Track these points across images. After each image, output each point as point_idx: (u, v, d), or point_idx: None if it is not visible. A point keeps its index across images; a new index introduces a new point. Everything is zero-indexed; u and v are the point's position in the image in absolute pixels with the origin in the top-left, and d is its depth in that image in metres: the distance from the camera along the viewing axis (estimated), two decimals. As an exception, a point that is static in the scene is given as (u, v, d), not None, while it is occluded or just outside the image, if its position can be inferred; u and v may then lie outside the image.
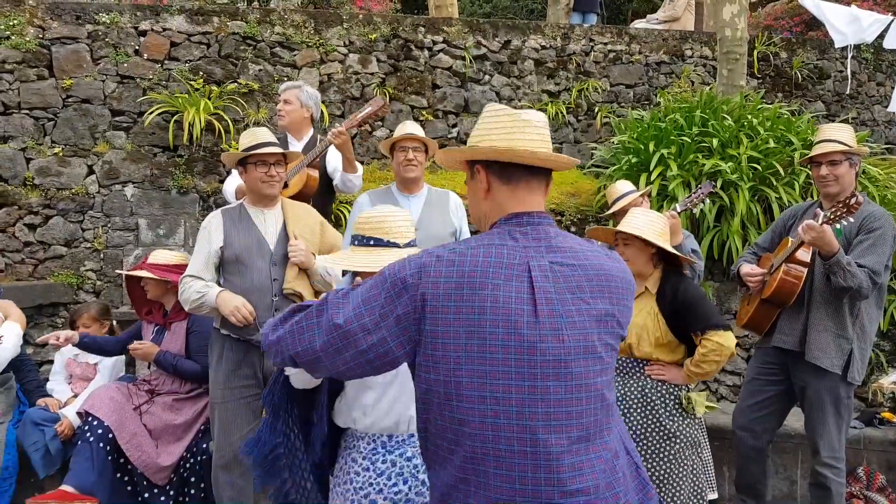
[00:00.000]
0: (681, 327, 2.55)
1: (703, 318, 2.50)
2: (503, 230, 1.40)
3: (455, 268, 1.32)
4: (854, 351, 2.80)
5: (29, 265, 4.38)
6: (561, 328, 1.32)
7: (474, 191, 1.48)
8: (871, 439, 3.71)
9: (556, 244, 1.39)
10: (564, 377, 1.31)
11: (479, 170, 1.44)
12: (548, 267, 1.35)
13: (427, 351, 1.32)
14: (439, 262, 1.33)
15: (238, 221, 2.84)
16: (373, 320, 1.33)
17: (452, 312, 1.30)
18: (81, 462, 2.95)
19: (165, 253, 3.40)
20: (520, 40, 5.58)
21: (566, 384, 1.31)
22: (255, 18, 5.02)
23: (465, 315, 1.29)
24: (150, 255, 3.33)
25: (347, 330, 1.34)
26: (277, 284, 2.74)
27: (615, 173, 4.68)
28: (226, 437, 2.78)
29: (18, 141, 4.50)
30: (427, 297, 1.31)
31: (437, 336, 1.31)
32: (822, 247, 2.64)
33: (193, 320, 3.20)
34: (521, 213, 1.41)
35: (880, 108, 6.35)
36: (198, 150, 4.67)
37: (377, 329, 1.33)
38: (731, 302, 4.47)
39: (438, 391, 1.32)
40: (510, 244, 1.36)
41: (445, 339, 1.30)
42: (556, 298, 1.33)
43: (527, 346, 1.29)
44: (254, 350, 2.76)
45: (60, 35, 4.61)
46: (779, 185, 4.34)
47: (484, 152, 1.42)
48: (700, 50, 5.94)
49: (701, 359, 2.50)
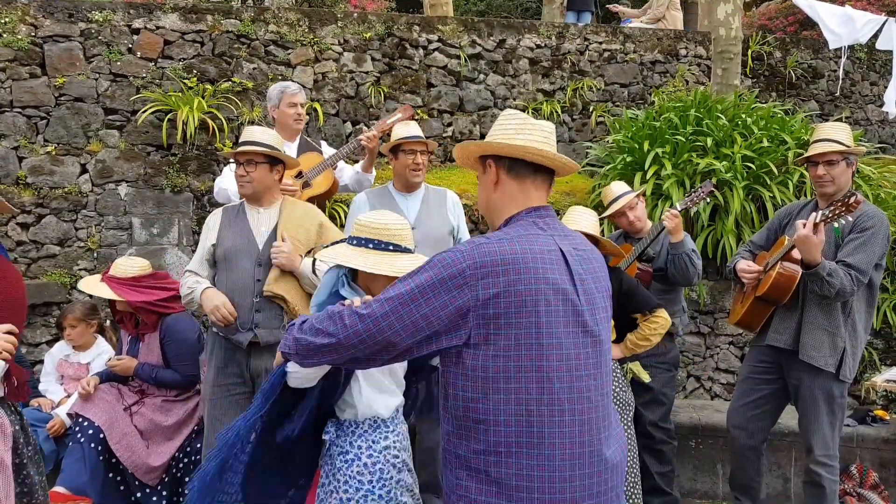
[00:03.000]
0: (622, 312, 2.88)
1: (648, 301, 2.99)
2: (527, 221, 1.55)
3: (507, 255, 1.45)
4: (847, 349, 2.81)
5: (22, 264, 4.35)
6: (594, 304, 1.53)
7: (484, 184, 1.63)
8: (864, 437, 3.73)
9: (567, 233, 1.60)
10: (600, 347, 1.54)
11: (490, 164, 1.59)
12: (572, 252, 1.54)
13: (489, 334, 1.44)
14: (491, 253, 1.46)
15: (233, 220, 2.83)
16: (433, 310, 1.44)
17: (513, 296, 1.44)
18: (73, 463, 2.94)
19: (126, 263, 3.17)
20: (514, 39, 5.58)
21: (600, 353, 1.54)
22: (249, 17, 5.00)
23: (525, 297, 1.44)
24: (111, 266, 3.16)
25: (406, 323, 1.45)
26: (261, 285, 2.70)
27: (610, 172, 4.68)
28: (214, 432, 2.77)
29: (11, 140, 4.47)
30: (487, 287, 1.43)
31: (500, 319, 1.44)
32: (805, 254, 2.64)
33: (165, 330, 3.12)
34: (539, 207, 1.57)
35: (874, 107, 6.38)
36: (191, 149, 4.65)
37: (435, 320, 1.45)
38: (724, 300, 4.48)
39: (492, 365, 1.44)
40: (540, 233, 1.53)
41: (508, 321, 1.43)
42: (588, 279, 1.54)
43: (581, 321, 1.49)
44: (240, 350, 2.75)
45: (53, 33, 4.59)
46: (773, 185, 4.36)
47: (494, 147, 1.57)
48: (694, 49, 5.95)
49: (650, 332, 2.97)
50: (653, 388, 3.22)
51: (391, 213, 2.01)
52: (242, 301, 2.70)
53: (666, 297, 3.31)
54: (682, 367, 4.39)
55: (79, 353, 3.51)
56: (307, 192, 3.50)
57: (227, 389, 2.77)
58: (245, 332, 2.71)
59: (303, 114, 3.67)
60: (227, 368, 2.77)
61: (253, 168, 2.74)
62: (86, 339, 3.50)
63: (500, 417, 1.44)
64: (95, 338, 3.56)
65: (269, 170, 2.78)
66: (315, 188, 3.51)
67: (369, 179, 3.69)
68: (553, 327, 1.45)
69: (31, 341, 4.12)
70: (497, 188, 1.58)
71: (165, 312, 3.07)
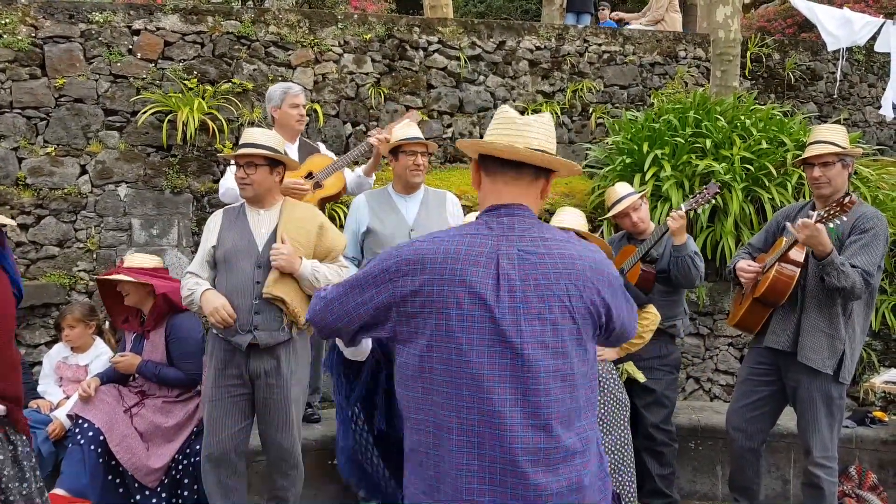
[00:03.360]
0: None
1: (637, 298, 2.93)
2: (481, 221, 1.52)
3: (429, 254, 1.45)
4: (846, 351, 2.81)
5: (21, 265, 4.34)
6: (519, 314, 1.40)
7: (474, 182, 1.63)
8: (863, 438, 3.74)
9: (528, 234, 1.48)
10: (520, 360, 1.39)
11: (474, 163, 1.60)
12: (515, 255, 1.44)
13: (410, 332, 1.45)
14: (416, 251, 1.47)
15: (234, 221, 2.83)
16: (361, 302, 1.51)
17: (426, 295, 1.43)
18: (73, 465, 2.94)
19: (140, 257, 3.32)
20: (514, 41, 5.59)
21: (522, 366, 1.39)
22: (249, 18, 5.00)
23: (438, 297, 1.42)
24: (125, 259, 3.26)
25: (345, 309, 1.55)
26: (260, 287, 2.70)
27: (609, 174, 4.69)
28: (214, 434, 2.79)
29: (10, 140, 4.46)
30: (405, 284, 1.45)
31: (417, 318, 1.44)
32: (816, 246, 2.64)
33: (171, 328, 3.14)
34: (499, 206, 1.51)
35: (871, 108, 6.39)
36: (191, 150, 4.65)
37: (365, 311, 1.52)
38: (723, 301, 4.48)
39: (412, 364, 1.45)
40: (484, 233, 1.47)
41: (424, 320, 1.43)
42: (519, 285, 1.42)
43: (497, 330, 1.39)
44: (239, 351, 2.75)
45: (53, 34, 4.58)
46: (771, 186, 4.37)
47: (465, 144, 1.57)
48: (693, 51, 5.96)
49: (643, 330, 2.99)
50: (654, 390, 3.22)
51: None
52: (242, 303, 2.70)
53: (668, 299, 3.31)
54: (682, 369, 4.39)
55: (77, 354, 3.51)
56: (319, 192, 3.51)
57: (226, 391, 2.78)
58: (244, 333, 2.71)
59: (304, 115, 3.68)
60: (226, 370, 2.77)
61: (253, 170, 2.74)
62: (84, 341, 3.49)
63: (418, 416, 1.44)
64: (94, 339, 3.55)
65: (269, 172, 2.78)
66: (326, 189, 3.53)
67: (369, 183, 3.71)
68: (465, 332, 1.38)
69: (30, 342, 4.12)
70: (479, 186, 1.59)
71: (181, 307, 3.08)
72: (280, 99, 3.59)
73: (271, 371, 2.76)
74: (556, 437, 1.38)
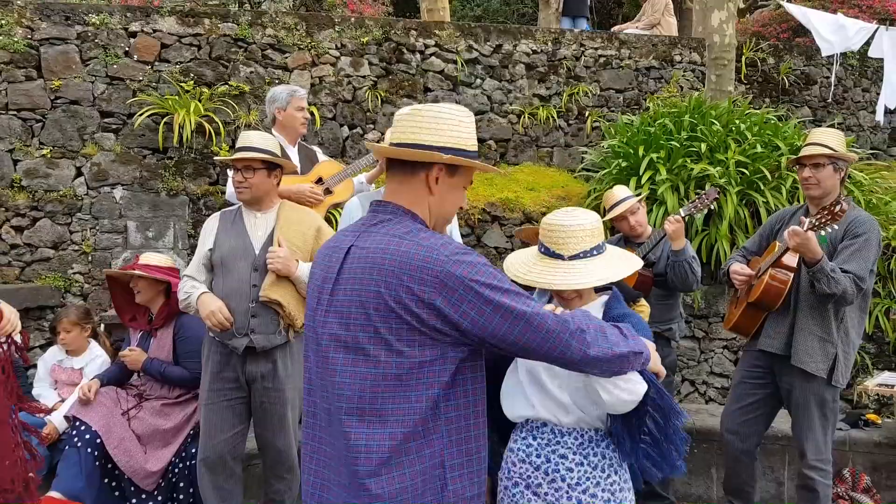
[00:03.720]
0: None
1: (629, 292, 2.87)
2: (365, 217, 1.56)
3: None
4: (839, 355, 2.82)
5: (16, 268, 4.34)
6: (329, 313, 1.45)
7: None
8: (857, 441, 3.76)
9: (374, 230, 1.46)
10: (323, 358, 1.46)
11: None
12: (354, 250, 1.46)
13: None
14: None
15: (231, 224, 2.83)
16: None
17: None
18: (69, 468, 2.93)
19: (156, 255, 3.38)
20: (511, 44, 5.61)
21: (325, 364, 1.45)
22: (246, 20, 5.00)
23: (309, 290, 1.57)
24: (140, 257, 3.31)
25: None
26: (257, 290, 2.70)
27: (605, 177, 4.71)
28: (209, 437, 2.78)
29: (6, 142, 4.45)
30: None
31: None
32: (806, 253, 2.66)
33: (180, 325, 3.17)
34: (376, 202, 1.54)
35: (866, 113, 6.44)
36: (188, 153, 4.64)
37: None
38: (718, 305, 4.51)
39: None
40: (354, 229, 1.52)
41: None
42: (342, 279, 1.45)
43: (315, 324, 1.50)
44: (236, 355, 2.75)
45: (49, 36, 4.58)
46: (766, 190, 4.39)
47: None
48: (689, 55, 6.00)
49: None
50: None
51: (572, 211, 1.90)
52: (238, 306, 2.70)
53: (665, 302, 3.33)
54: (677, 371, 4.40)
55: (72, 357, 3.50)
56: (329, 199, 3.53)
57: (223, 395, 2.77)
58: (241, 336, 2.71)
59: (308, 118, 3.70)
60: (222, 373, 2.77)
61: (251, 174, 2.75)
62: (79, 344, 3.48)
63: None
64: (89, 342, 3.54)
65: (267, 175, 2.78)
66: (337, 195, 3.55)
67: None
68: (308, 319, 1.54)
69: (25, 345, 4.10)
70: None
71: None
72: (286, 101, 3.58)
73: (268, 374, 2.76)
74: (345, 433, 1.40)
